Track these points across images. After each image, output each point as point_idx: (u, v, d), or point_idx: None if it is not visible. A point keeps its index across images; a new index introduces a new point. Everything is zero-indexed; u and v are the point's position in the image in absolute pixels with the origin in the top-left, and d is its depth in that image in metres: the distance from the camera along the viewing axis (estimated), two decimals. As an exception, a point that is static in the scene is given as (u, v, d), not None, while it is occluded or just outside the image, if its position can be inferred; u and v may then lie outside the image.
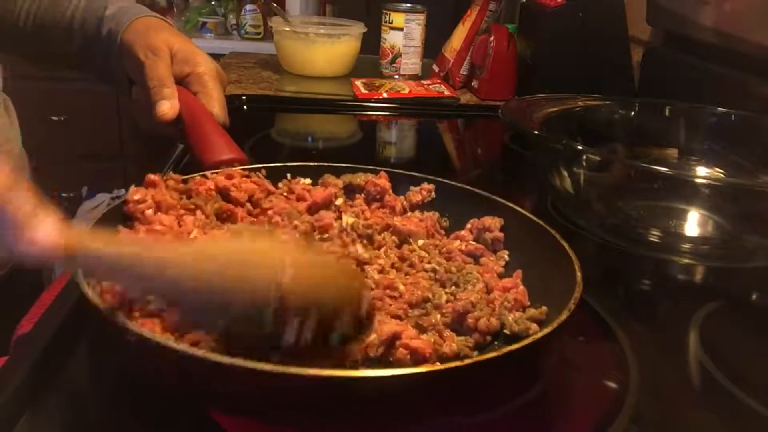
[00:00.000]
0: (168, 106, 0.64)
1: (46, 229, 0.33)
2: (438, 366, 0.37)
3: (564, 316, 0.40)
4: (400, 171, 0.61)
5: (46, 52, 0.80)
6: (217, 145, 0.60)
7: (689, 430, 0.44)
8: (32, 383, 0.41)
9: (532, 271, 0.50)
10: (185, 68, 0.68)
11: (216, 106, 0.66)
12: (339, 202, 0.57)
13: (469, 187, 0.59)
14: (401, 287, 0.46)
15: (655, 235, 0.69)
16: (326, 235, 0.51)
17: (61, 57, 0.80)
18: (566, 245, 0.48)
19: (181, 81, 0.68)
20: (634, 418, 0.42)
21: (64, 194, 2.15)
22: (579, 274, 0.44)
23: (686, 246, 0.70)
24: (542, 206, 0.75)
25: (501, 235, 0.55)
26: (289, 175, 0.59)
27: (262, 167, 0.58)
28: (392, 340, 0.39)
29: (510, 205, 0.55)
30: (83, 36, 0.76)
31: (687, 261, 0.69)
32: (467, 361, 0.37)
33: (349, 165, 0.61)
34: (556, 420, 0.43)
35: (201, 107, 0.65)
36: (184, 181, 0.52)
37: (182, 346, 0.35)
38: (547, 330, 0.39)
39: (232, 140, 0.62)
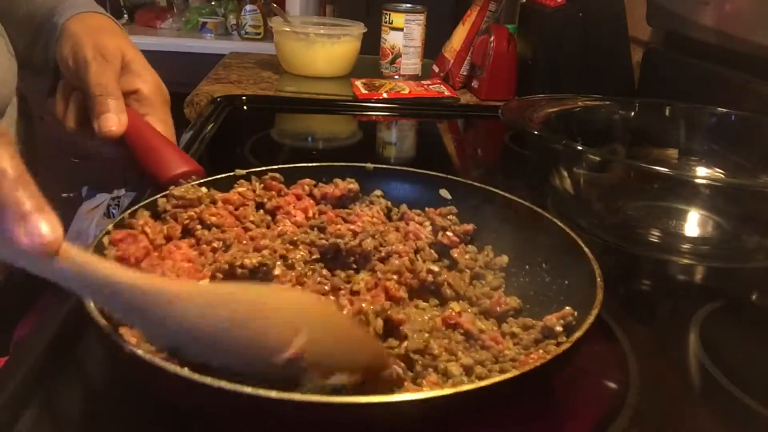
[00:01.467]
0: (115, 121, 0.57)
1: (43, 229, 0.31)
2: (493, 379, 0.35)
3: (592, 317, 0.40)
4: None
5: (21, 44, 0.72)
6: (172, 159, 0.56)
7: (689, 430, 0.44)
8: (32, 383, 0.41)
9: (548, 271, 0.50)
10: (135, 82, 0.62)
11: (166, 129, 0.61)
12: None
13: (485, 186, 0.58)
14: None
15: (655, 235, 0.69)
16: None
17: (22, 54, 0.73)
18: (585, 248, 0.48)
19: (126, 96, 0.61)
20: (634, 418, 0.42)
21: (64, 194, 2.15)
22: (599, 280, 0.44)
23: (686, 246, 0.70)
24: (542, 206, 0.75)
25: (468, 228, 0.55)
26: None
27: (225, 176, 0.55)
28: None
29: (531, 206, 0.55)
30: (36, 28, 0.70)
31: (687, 261, 0.69)
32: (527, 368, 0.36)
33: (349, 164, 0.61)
34: (556, 420, 0.43)
35: (145, 122, 0.60)
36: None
37: (181, 370, 0.32)
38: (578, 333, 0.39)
39: (184, 152, 0.58)
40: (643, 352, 0.49)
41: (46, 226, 0.31)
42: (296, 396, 0.31)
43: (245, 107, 1.14)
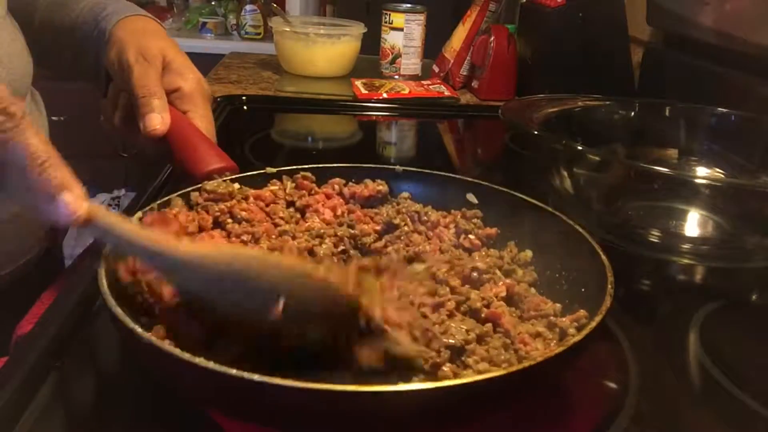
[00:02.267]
0: (159, 120, 0.60)
1: (69, 205, 0.37)
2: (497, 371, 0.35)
3: (598, 319, 0.40)
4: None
5: (49, 54, 0.77)
6: (207, 155, 0.58)
7: (689, 430, 0.44)
8: (32, 383, 0.41)
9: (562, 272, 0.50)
10: (176, 81, 0.64)
11: (206, 125, 0.63)
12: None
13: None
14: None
15: (655, 235, 0.69)
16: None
17: (59, 61, 0.77)
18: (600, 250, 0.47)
19: (168, 95, 0.64)
20: (634, 418, 0.42)
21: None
22: (610, 286, 0.43)
23: (686, 246, 0.70)
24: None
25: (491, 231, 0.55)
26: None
27: (257, 173, 0.57)
28: None
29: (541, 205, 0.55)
30: (81, 37, 0.73)
31: (687, 261, 0.69)
32: (536, 361, 0.36)
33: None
34: (556, 420, 0.43)
35: (185, 119, 0.63)
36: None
37: (196, 359, 0.34)
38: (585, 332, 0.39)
39: (220, 149, 0.60)
40: (643, 352, 0.49)
41: (71, 202, 0.37)
42: (308, 384, 0.32)
43: (245, 107, 1.14)
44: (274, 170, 0.58)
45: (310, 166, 0.59)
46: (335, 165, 0.60)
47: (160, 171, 0.75)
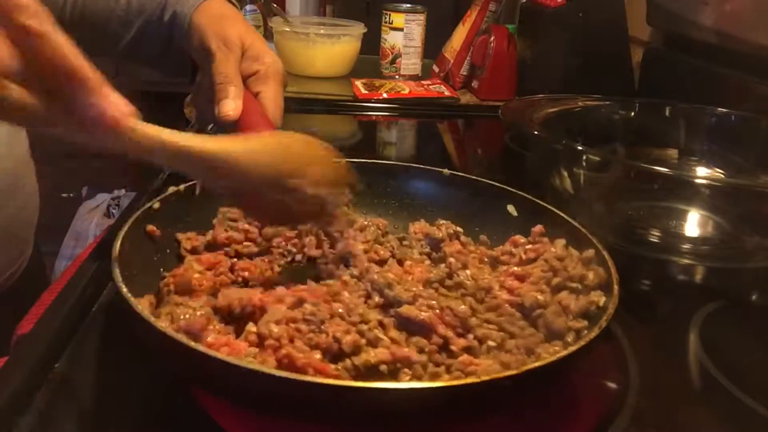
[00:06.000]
0: (232, 107, 0.62)
1: (115, 98, 0.36)
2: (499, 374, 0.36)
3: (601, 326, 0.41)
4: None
5: (96, 43, 0.76)
6: None
7: (689, 430, 0.44)
8: (32, 383, 0.41)
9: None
10: (254, 66, 0.67)
11: (273, 107, 0.65)
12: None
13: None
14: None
15: (655, 236, 0.69)
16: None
17: (111, 47, 0.77)
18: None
19: (246, 78, 0.67)
20: (634, 418, 0.42)
21: (64, 194, 2.15)
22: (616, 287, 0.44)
23: (686, 246, 0.70)
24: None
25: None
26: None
27: None
28: None
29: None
30: (143, 23, 0.74)
31: (687, 261, 0.69)
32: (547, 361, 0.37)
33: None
34: (556, 420, 0.43)
35: (256, 106, 0.65)
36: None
37: (209, 351, 0.35)
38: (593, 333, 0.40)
39: None
40: (643, 352, 0.49)
41: (120, 98, 0.37)
42: (312, 378, 0.34)
43: (245, 107, 1.14)
44: None
45: (361, 160, 0.61)
46: (384, 162, 0.64)
47: (159, 171, 0.75)
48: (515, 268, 0.52)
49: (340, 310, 0.44)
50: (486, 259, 0.55)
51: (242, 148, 0.45)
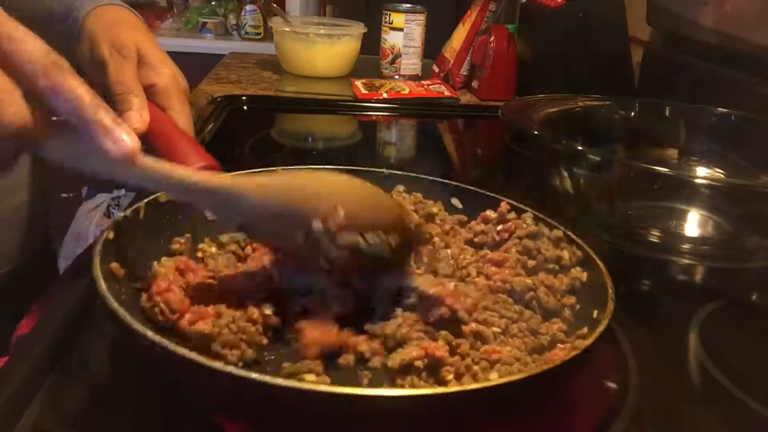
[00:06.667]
0: (138, 119, 0.57)
1: (125, 138, 0.38)
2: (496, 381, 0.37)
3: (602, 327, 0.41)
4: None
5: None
6: (188, 153, 0.56)
7: (689, 430, 0.44)
8: (32, 383, 0.41)
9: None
10: (151, 76, 0.61)
11: (184, 123, 0.60)
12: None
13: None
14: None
15: (655, 236, 0.69)
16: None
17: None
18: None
19: (143, 89, 0.60)
20: (634, 418, 0.42)
21: (64, 194, 2.15)
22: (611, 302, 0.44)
23: (686, 246, 0.70)
24: (542, 207, 0.75)
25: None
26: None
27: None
28: None
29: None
30: (55, 28, 0.67)
31: (687, 261, 0.69)
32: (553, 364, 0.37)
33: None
34: (556, 420, 0.43)
35: (164, 116, 0.60)
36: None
37: (199, 357, 0.34)
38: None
39: (202, 147, 0.58)
40: (643, 352, 0.49)
41: (126, 135, 0.38)
42: (305, 385, 0.34)
43: (245, 107, 1.14)
44: (278, 169, 0.57)
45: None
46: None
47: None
48: (491, 254, 0.53)
49: None
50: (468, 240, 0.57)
51: (251, 181, 0.45)
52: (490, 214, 0.57)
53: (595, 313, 0.44)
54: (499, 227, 0.56)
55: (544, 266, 0.52)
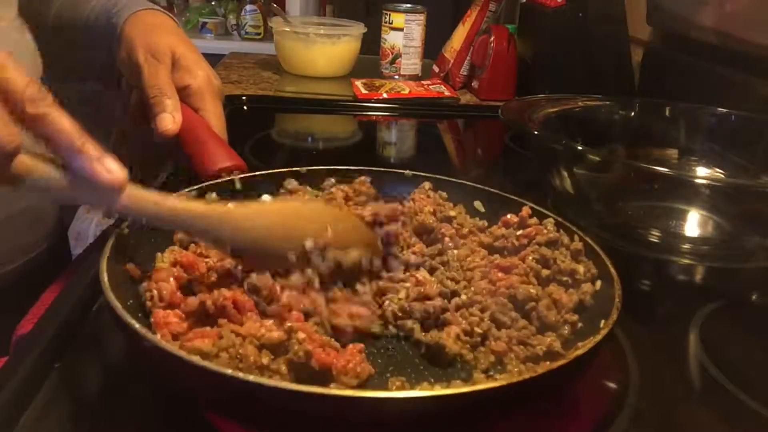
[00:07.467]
0: (170, 120, 0.60)
1: (114, 167, 0.39)
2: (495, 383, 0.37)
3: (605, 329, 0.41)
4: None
5: (62, 54, 0.75)
6: (216, 153, 0.59)
7: (689, 430, 0.44)
8: (32, 383, 0.41)
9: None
10: (185, 78, 0.63)
11: (217, 122, 0.63)
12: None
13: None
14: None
15: (655, 236, 0.69)
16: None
17: (72, 61, 0.76)
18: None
19: (178, 92, 0.64)
20: (634, 418, 0.42)
21: (64, 194, 2.14)
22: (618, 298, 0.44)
23: (686, 246, 0.70)
24: (542, 207, 0.75)
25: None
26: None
27: (260, 174, 0.57)
28: None
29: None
30: (94, 35, 0.72)
31: (687, 261, 0.69)
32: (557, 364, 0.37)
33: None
34: (556, 420, 0.43)
35: (195, 116, 0.63)
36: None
37: (199, 361, 0.35)
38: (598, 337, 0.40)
39: (231, 147, 0.61)
40: (643, 352, 0.49)
41: (115, 164, 0.39)
42: (302, 387, 0.33)
43: (245, 107, 1.14)
44: (303, 170, 0.59)
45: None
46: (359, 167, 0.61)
47: (160, 172, 0.75)
48: (500, 260, 0.53)
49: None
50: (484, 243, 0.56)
51: (238, 210, 0.46)
52: (512, 218, 0.56)
53: (602, 323, 0.42)
54: (519, 232, 0.55)
55: (557, 278, 0.50)
